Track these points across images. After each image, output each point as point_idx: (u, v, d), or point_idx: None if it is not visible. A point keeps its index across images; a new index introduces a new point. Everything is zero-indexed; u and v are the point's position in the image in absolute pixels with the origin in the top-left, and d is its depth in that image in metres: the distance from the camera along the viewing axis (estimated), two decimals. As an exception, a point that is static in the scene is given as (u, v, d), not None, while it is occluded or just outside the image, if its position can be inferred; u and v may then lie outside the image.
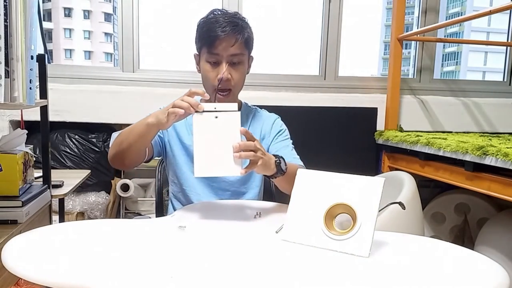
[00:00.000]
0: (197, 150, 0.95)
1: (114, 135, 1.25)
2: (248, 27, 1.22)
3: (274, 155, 1.07)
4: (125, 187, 2.31)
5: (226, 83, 1.19)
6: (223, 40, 1.16)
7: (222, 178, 1.27)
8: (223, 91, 1.20)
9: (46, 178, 1.50)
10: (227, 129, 0.94)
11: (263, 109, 1.40)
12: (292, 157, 1.26)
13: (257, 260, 0.79)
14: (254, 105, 1.40)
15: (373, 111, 2.47)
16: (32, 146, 1.43)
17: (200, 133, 0.94)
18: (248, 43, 1.22)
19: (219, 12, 1.20)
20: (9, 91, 1.01)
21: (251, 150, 0.96)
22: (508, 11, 2.68)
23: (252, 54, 1.28)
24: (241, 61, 1.21)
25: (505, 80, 2.82)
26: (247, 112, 1.35)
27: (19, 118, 2.15)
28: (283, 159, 1.08)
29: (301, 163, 1.25)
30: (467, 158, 1.69)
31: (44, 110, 1.45)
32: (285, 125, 1.38)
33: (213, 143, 0.94)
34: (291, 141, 1.35)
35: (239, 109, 1.33)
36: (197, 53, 1.26)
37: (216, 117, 0.94)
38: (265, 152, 1.02)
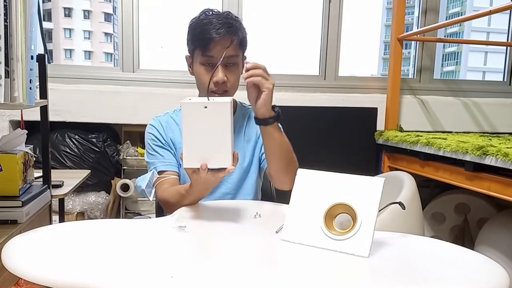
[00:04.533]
0: (186, 140, 0.93)
1: (141, 184, 1.22)
2: (242, 27, 1.21)
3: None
4: (125, 187, 2.31)
5: (222, 85, 1.17)
6: (217, 42, 1.14)
7: (219, 184, 1.25)
8: (219, 94, 1.19)
9: (46, 178, 1.50)
10: (217, 119, 0.92)
11: None
12: None
13: (257, 260, 0.79)
14: (250, 105, 1.38)
15: (373, 111, 2.47)
16: (32, 146, 1.43)
17: (189, 123, 0.92)
18: (242, 44, 1.21)
19: (212, 13, 1.18)
20: (9, 91, 1.01)
21: (259, 75, 1.02)
22: (508, 11, 2.68)
23: (247, 54, 1.26)
24: (236, 62, 1.20)
25: (505, 80, 2.82)
26: (242, 112, 1.34)
27: (19, 118, 2.15)
28: (279, 110, 1.11)
29: None
30: (467, 158, 1.69)
31: (44, 110, 1.45)
32: (283, 125, 1.37)
33: (203, 134, 0.92)
34: None
35: (234, 110, 1.33)
36: (189, 54, 1.24)
37: (206, 107, 0.91)
38: (270, 84, 1.05)
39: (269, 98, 1.05)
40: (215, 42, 1.14)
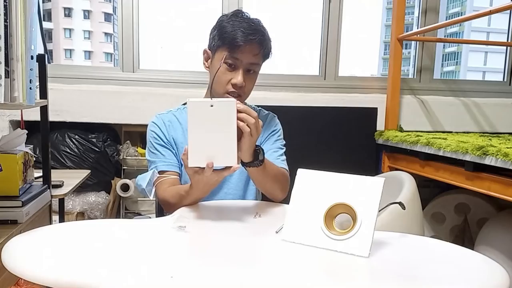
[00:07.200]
0: (192, 140, 0.93)
1: (142, 182, 1.22)
2: (270, 40, 1.22)
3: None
4: (125, 187, 2.31)
5: (239, 89, 1.18)
6: (247, 47, 1.15)
7: (220, 186, 1.25)
8: (233, 96, 1.19)
9: (46, 178, 1.50)
10: (223, 118, 0.92)
11: (261, 109, 1.39)
12: (279, 160, 1.26)
13: (257, 260, 0.79)
14: (257, 106, 1.38)
15: (373, 111, 2.47)
16: (32, 146, 1.43)
17: (195, 122, 0.92)
18: (266, 56, 1.23)
19: (244, 16, 1.19)
20: (9, 91, 1.01)
21: (248, 125, 0.96)
22: (508, 11, 2.68)
23: None
24: (256, 70, 1.21)
25: (505, 80, 2.82)
26: None
27: (19, 118, 2.15)
28: (263, 150, 1.07)
29: (286, 167, 1.26)
30: (467, 158, 1.69)
31: (44, 110, 1.45)
32: (283, 125, 1.37)
33: (208, 132, 0.92)
34: (284, 142, 1.34)
35: None
36: (209, 49, 1.24)
37: (212, 106, 0.92)
38: (256, 135, 1.00)
39: (253, 146, 1.03)
40: (244, 46, 1.14)
